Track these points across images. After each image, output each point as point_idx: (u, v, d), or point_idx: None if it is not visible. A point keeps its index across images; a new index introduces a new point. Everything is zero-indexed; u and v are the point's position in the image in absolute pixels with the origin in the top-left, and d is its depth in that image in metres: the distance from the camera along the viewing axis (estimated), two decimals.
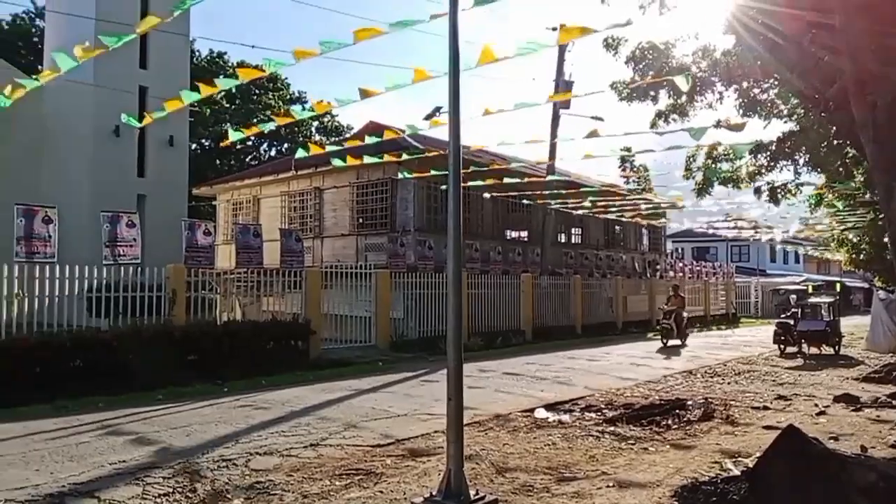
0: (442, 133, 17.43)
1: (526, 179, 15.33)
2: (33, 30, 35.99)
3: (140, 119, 16.65)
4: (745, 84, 11.88)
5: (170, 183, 21.75)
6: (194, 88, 8.18)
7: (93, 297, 11.51)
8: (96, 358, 10.47)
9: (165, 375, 10.83)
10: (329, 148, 14.16)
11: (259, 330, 12.95)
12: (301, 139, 42.98)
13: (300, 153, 16.36)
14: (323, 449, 6.87)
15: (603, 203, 19.95)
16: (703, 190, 14.20)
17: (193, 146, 33.80)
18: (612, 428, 7.97)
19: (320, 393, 10.30)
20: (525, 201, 20.40)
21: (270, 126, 12.91)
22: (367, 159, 13.17)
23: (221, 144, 14.47)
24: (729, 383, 11.91)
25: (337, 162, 14.77)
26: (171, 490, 5.53)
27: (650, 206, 22.13)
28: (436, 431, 7.61)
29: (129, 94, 20.35)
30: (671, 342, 18.79)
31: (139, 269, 12.13)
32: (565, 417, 8.75)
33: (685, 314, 20.05)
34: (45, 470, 6.05)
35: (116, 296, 11.68)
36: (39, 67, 32.60)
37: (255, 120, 41.79)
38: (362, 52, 75.54)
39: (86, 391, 9.72)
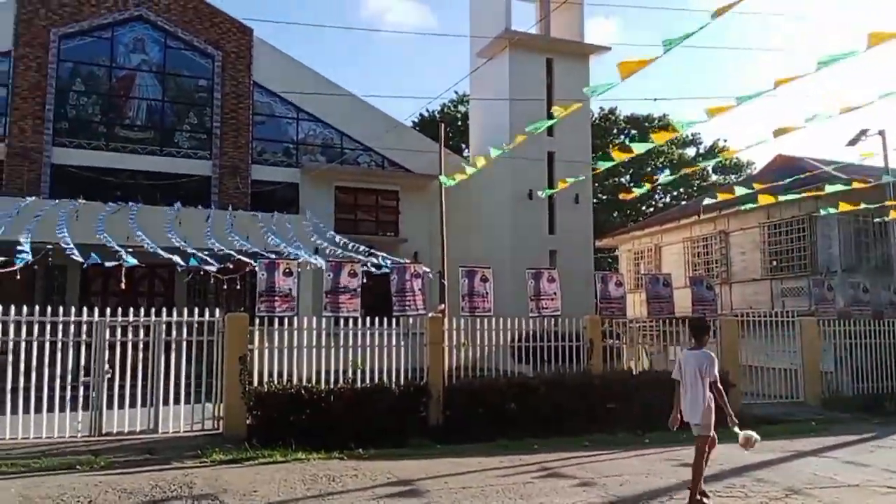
0: (871, 159, 15.26)
1: None
2: (457, 115, 42.30)
3: (551, 185, 18.03)
4: None
5: (576, 238, 23.13)
6: (598, 150, 8.70)
7: (517, 346, 12.73)
8: (527, 402, 11.48)
9: (588, 422, 11.36)
10: (738, 191, 13.47)
11: (674, 381, 12.72)
12: (695, 180, 41.86)
13: (707, 200, 15.92)
14: None
15: None
16: None
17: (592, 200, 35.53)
18: None
19: (748, 452, 9.63)
20: None
21: (672, 177, 12.87)
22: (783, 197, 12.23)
23: (622, 198, 14.93)
24: None
25: (747, 204, 14.03)
26: None
27: None
28: None
29: (539, 161, 22.44)
30: None
31: (554, 319, 13.02)
32: None
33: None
34: None
35: (537, 345, 12.70)
36: (463, 146, 38.10)
37: (648, 168, 42.24)
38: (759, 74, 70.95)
39: (521, 432, 10.72)
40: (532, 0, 25.93)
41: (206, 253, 13.31)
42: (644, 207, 43.50)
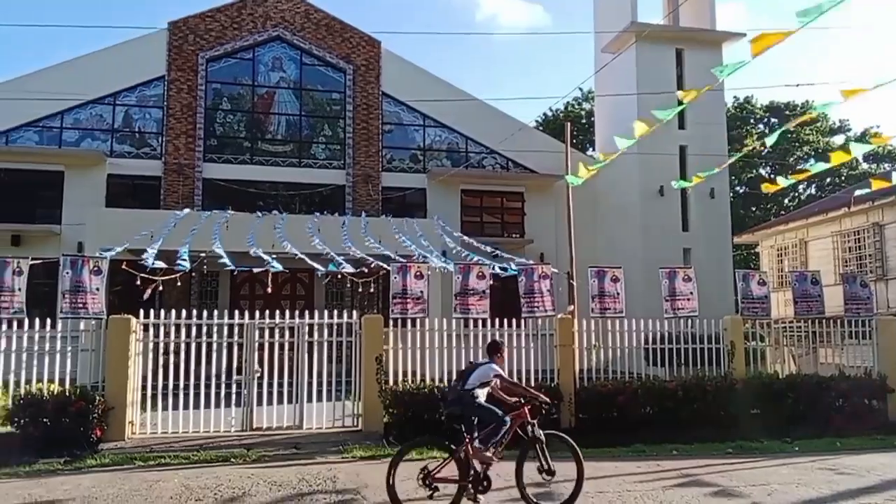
0: None
1: None
2: (581, 112, 41.60)
3: (683, 178, 17.31)
4: None
5: (713, 234, 22.06)
6: (734, 142, 8.24)
7: (651, 348, 12.32)
8: (664, 406, 11.14)
9: (730, 428, 10.87)
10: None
11: (825, 385, 11.89)
12: (844, 169, 38.69)
13: (859, 190, 14.73)
14: None
15: None
16: None
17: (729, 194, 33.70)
18: None
19: None
20: None
21: (822, 167, 12.02)
22: None
23: (765, 190, 13.80)
24: None
25: None
26: None
27: None
28: None
29: (671, 155, 21.60)
30: None
31: (690, 320, 12.52)
32: None
33: None
34: None
35: (673, 348, 12.25)
36: (588, 145, 37.42)
37: (791, 158, 39.51)
38: None
39: (657, 437, 10.39)
40: None
41: (342, 258, 13.92)
42: (786, 200, 40.81)
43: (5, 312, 10.25)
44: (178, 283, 12.66)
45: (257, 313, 10.93)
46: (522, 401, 6.99)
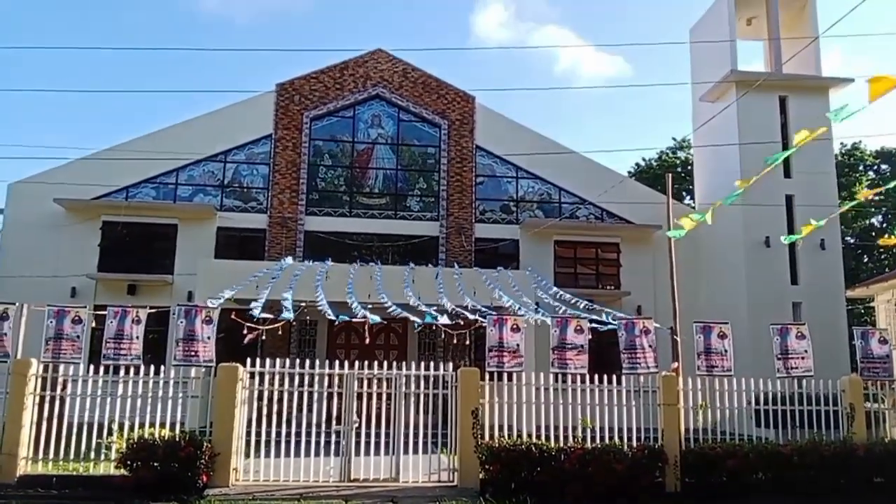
0: None
1: None
2: (676, 161, 40.71)
3: (790, 228, 16.48)
4: None
5: (824, 288, 20.82)
6: (842, 189, 7.79)
7: (760, 409, 11.64)
8: (778, 472, 10.45)
9: (850, 498, 10.12)
10: None
11: None
12: None
13: None
14: None
15: None
16: None
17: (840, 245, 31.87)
18: None
19: None
20: None
21: None
22: None
23: (881, 243, 12.86)
24: None
25: None
26: None
27: None
28: None
29: (777, 206, 20.69)
30: None
31: (803, 381, 11.82)
32: None
33: None
34: None
35: (786, 409, 11.56)
36: (685, 193, 36.52)
37: None
38: None
39: None
40: (760, 38, 24.48)
41: (435, 308, 14.00)
42: None
43: (124, 360, 10.82)
44: (280, 332, 13.06)
45: (356, 363, 11.10)
46: None
